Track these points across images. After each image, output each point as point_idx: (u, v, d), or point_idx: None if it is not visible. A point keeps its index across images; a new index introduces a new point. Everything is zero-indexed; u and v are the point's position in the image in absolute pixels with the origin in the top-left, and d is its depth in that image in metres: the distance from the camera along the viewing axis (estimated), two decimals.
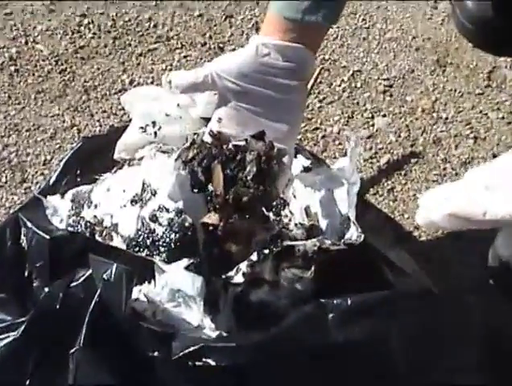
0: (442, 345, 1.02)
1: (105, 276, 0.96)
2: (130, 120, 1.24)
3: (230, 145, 1.02)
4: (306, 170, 1.23)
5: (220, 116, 1.05)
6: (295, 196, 1.20)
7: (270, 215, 1.13)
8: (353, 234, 1.07)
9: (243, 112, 1.03)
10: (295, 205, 1.19)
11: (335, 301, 0.98)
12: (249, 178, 1.03)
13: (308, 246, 1.03)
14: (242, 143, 1.02)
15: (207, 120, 1.13)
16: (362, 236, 1.05)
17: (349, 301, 0.97)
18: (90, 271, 0.98)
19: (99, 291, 0.95)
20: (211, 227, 1.02)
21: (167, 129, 1.22)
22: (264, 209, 1.07)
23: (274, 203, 1.14)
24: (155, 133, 1.24)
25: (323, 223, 1.15)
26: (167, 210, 1.05)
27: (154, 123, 1.23)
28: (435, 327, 1.03)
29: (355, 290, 1.01)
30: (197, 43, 1.81)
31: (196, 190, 1.04)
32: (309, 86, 1.17)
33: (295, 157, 1.18)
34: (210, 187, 1.03)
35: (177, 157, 1.05)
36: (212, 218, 1.04)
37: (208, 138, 1.04)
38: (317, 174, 1.18)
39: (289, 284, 1.04)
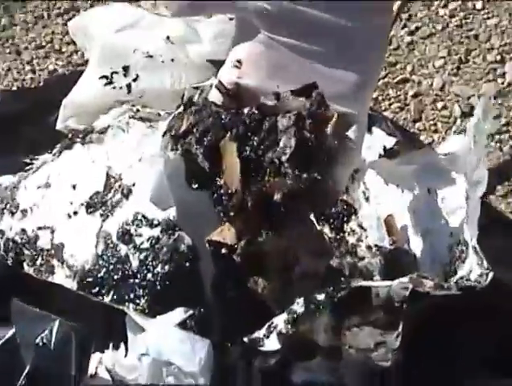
0: None
1: (39, 339, 0.75)
2: (86, 62, 1.01)
3: (254, 108, 0.76)
4: (388, 153, 0.95)
5: (239, 57, 0.78)
6: (367, 198, 0.93)
7: (326, 229, 0.90)
8: (474, 269, 0.79)
9: (280, 50, 0.76)
10: (369, 214, 0.92)
11: None
12: (283, 159, 0.75)
13: (394, 289, 0.75)
14: (273, 103, 0.76)
15: (216, 64, 0.93)
16: (490, 273, 0.76)
17: None
18: (12, 331, 0.76)
19: (28, 366, 0.74)
20: (223, 250, 0.78)
21: (147, 81, 0.98)
22: (313, 218, 0.83)
23: (333, 210, 0.91)
24: (128, 86, 0.99)
25: (417, 248, 0.88)
26: (150, 222, 0.84)
27: (126, 69, 0.98)
28: None
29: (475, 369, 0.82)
30: None
31: (195, 187, 0.80)
32: (395, 7, 1.02)
33: (369, 131, 0.94)
34: (219, 182, 0.78)
35: (165, 130, 0.80)
36: (224, 234, 0.79)
37: (216, 96, 0.78)
38: (408, 161, 0.92)
39: (359, 354, 0.78)
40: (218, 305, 0.83)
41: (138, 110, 0.98)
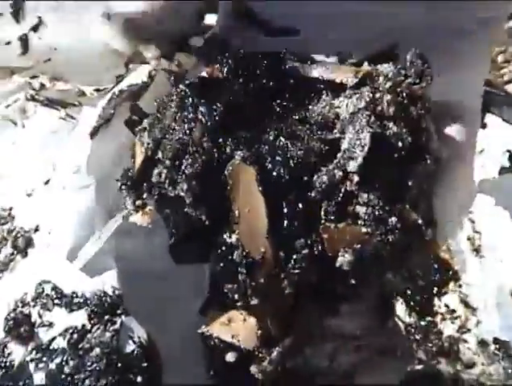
0: None
1: None
2: None
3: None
4: None
5: None
6: (477, 250, 0.62)
7: (400, 310, 0.61)
8: None
9: None
10: (481, 281, 0.59)
11: None
12: (352, 168, 0.52)
13: None
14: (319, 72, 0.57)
15: None
16: None
17: None
18: None
19: None
20: (230, 356, 0.53)
21: (59, 31, 0.62)
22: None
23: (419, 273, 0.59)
24: (23, 40, 0.63)
25: None
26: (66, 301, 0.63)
27: (17, 10, 0.63)
28: None
29: None
30: None
31: (180, 254, 0.54)
32: None
33: (482, 125, 0.63)
34: (228, 239, 0.53)
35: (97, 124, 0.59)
36: (236, 329, 0.52)
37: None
38: None
39: None
40: None
41: (42, 86, 0.69)
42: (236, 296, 0.54)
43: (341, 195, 0.53)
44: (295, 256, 0.54)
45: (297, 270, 0.52)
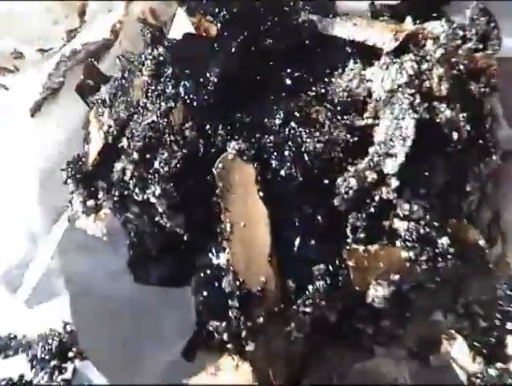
0: None
1: None
2: None
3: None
4: None
5: None
6: None
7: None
8: None
9: None
10: None
11: None
12: (391, 169, 0.42)
13: None
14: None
15: None
16: None
17: None
18: None
19: None
20: None
21: None
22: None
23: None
24: None
25: None
26: None
27: None
28: None
29: None
30: None
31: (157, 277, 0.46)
32: None
33: None
34: (216, 260, 0.43)
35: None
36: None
37: None
38: None
39: None
40: None
41: None
42: (225, 336, 0.43)
43: (375, 204, 0.41)
44: (310, 288, 0.43)
45: (310, 308, 0.40)
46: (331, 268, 0.41)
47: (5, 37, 0.54)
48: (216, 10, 0.49)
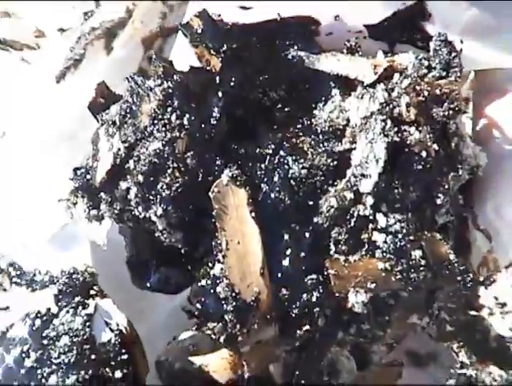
0: None
1: None
2: None
3: None
4: None
5: None
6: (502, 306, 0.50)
7: None
8: None
9: None
10: None
11: None
12: (365, 188, 0.46)
13: None
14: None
15: None
16: None
17: None
18: None
19: None
20: None
21: None
22: None
23: None
24: None
25: None
26: None
27: None
28: None
29: None
30: None
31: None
32: None
33: None
34: (210, 270, 0.47)
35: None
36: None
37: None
38: None
39: None
40: None
41: None
42: (221, 339, 0.47)
43: (354, 220, 0.45)
44: (304, 297, 0.46)
45: (303, 313, 0.44)
46: (321, 278, 0.45)
47: (26, 17, 0.56)
48: (217, 43, 0.51)
